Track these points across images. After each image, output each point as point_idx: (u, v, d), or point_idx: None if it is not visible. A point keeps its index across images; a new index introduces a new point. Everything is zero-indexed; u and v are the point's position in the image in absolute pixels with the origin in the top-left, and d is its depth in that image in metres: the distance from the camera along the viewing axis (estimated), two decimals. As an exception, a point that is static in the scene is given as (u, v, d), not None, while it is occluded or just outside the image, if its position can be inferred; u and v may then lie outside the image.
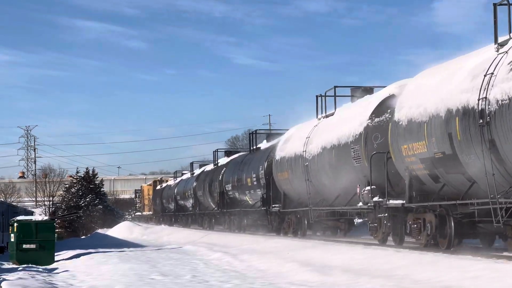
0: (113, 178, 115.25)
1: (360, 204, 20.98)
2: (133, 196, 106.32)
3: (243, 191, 35.90)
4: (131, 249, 29.71)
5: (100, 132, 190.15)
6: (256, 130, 39.25)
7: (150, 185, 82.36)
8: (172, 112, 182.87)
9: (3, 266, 22.74)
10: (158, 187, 73.75)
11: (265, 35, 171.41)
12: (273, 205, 30.65)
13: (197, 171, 53.28)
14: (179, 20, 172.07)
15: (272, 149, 31.70)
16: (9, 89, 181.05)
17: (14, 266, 22.98)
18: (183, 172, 66.21)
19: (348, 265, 16.14)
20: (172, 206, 61.01)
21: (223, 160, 44.92)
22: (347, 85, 26.83)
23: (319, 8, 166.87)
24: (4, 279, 15.69)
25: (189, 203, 52.74)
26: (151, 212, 77.05)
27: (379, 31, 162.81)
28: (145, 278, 15.90)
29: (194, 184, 50.07)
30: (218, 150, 50.14)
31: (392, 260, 15.42)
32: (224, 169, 41.00)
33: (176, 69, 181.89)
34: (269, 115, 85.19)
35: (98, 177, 74.33)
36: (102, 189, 73.70)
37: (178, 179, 62.25)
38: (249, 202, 35.10)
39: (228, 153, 47.60)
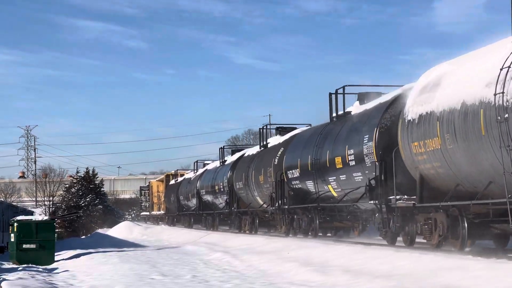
0: (113, 178, 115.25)
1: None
2: (133, 196, 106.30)
3: (324, 178, 24.17)
4: (131, 249, 29.71)
5: (100, 132, 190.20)
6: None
7: (160, 180, 72.14)
8: (172, 112, 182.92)
9: (3, 266, 22.75)
10: (172, 182, 62.61)
11: (265, 34, 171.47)
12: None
13: (232, 157, 41.65)
14: (179, 19, 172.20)
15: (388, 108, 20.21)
16: (9, 89, 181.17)
17: (14, 266, 22.99)
18: (206, 162, 54.70)
19: (348, 265, 16.14)
20: (193, 204, 49.70)
21: (274, 140, 33.33)
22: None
23: (319, 7, 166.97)
24: (4, 279, 15.69)
25: (221, 199, 41.12)
26: (162, 212, 67.84)
27: (379, 31, 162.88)
28: (145, 278, 15.90)
29: (229, 174, 38.46)
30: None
31: (392, 260, 15.42)
32: (282, 150, 29.41)
33: (176, 68, 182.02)
34: (269, 115, 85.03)
35: (98, 177, 74.41)
36: (102, 189, 73.77)
37: (201, 170, 50.07)
38: (334, 194, 23.91)
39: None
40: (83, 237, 56.77)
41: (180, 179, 58.77)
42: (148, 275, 16.67)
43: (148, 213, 77.61)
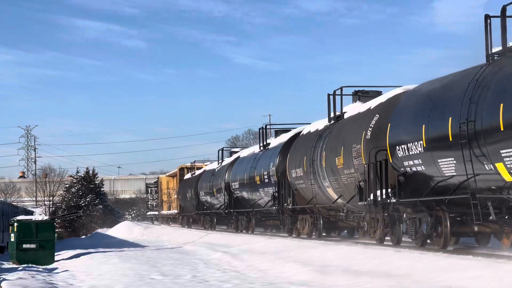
0: (113, 178, 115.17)
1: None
2: (133, 196, 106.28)
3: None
4: (131, 249, 29.71)
5: (100, 132, 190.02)
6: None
7: (171, 175, 65.05)
8: (172, 112, 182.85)
9: (3, 266, 22.75)
10: (187, 176, 54.28)
11: (265, 34, 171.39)
12: None
13: (277, 140, 31.95)
14: (178, 19, 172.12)
15: None
16: (9, 89, 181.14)
17: (14, 266, 22.99)
18: (234, 149, 47.08)
19: (348, 265, 16.14)
20: (218, 201, 41.28)
21: (353, 108, 23.71)
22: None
23: (319, 7, 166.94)
24: (4, 279, 15.69)
25: (263, 193, 31.64)
26: (174, 211, 60.08)
27: (379, 30, 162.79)
28: (145, 278, 15.90)
29: (278, 159, 29.43)
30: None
31: (392, 260, 15.42)
32: (377, 117, 20.43)
33: (176, 68, 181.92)
34: (269, 115, 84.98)
35: (98, 177, 74.37)
36: (102, 189, 73.74)
37: (230, 159, 41.14)
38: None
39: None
40: (83, 237, 56.78)
41: (199, 172, 49.72)
42: (148, 275, 16.67)
43: (156, 213, 71.47)
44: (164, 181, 66.60)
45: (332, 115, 24.55)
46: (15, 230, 24.61)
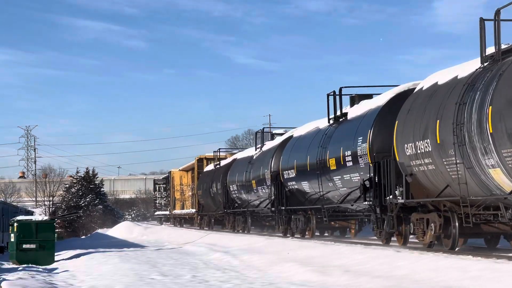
0: (113, 178, 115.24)
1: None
2: (133, 196, 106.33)
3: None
4: (131, 249, 29.71)
5: (100, 132, 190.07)
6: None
7: (185, 170, 57.24)
8: (172, 112, 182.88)
9: (3, 266, 22.75)
10: (209, 167, 45.93)
11: (265, 34, 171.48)
12: None
13: (360, 107, 22.71)
14: (178, 19, 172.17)
15: None
16: (9, 89, 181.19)
17: (14, 266, 22.99)
18: (276, 131, 35.38)
19: (348, 265, 16.14)
20: (258, 197, 32.40)
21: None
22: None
23: (319, 7, 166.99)
24: (4, 279, 15.69)
25: (343, 183, 22.63)
26: (192, 210, 50.82)
27: (379, 30, 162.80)
28: (145, 278, 15.90)
29: (370, 132, 20.41)
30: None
31: (392, 260, 15.42)
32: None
33: (176, 68, 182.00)
34: (269, 115, 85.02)
35: (98, 177, 74.42)
36: (102, 189, 73.77)
37: (274, 142, 31.46)
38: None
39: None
40: (83, 237, 56.78)
41: (226, 161, 41.38)
42: (148, 275, 16.67)
43: (166, 213, 63.95)
44: (177, 176, 58.27)
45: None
46: (15, 230, 24.61)
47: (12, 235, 24.99)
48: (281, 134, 32.13)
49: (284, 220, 28.79)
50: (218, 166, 42.70)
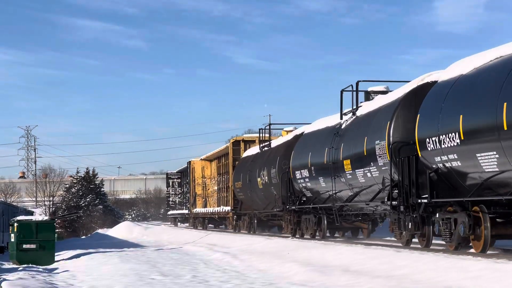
0: (113, 178, 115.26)
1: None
2: (133, 196, 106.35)
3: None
4: (131, 249, 29.72)
5: (100, 132, 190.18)
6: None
7: (209, 159, 47.66)
8: (172, 112, 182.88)
9: (3, 266, 22.75)
10: (251, 151, 35.71)
11: (265, 34, 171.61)
12: None
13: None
14: (178, 19, 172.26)
15: None
16: (9, 89, 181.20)
17: (14, 266, 22.99)
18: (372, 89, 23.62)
19: (348, 265, 16.15)
20: (350, 186, 22.23)
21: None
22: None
23: (319, 7, 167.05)
24: (4, 279, 15.69)
25: None
26: (225, 208, 40.31)
27: (379, 30, 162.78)
28: (145, 278, 15.91)
29: None
30: None
31: (392, 260, 15.43)
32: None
33: (176, 68, 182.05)
34: (269, 115, 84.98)
35: (98, 177, 74.41)
36: (102, 189, 73.77)
37: (381, 101, 20.86)
38: None
39: None
40: (83, 237, 56.78)
41: (281, 140, 31.33)
42: (148, 275, 16.68)
43: (184, 212, 54.12)
44: (198, 167, 48.63)
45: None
46: (15, 230, 24.62)
47: (12, 235, 24.99)
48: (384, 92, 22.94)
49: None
50: (266, 148, 32.50)
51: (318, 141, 24.86)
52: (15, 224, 24.71)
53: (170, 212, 60.68)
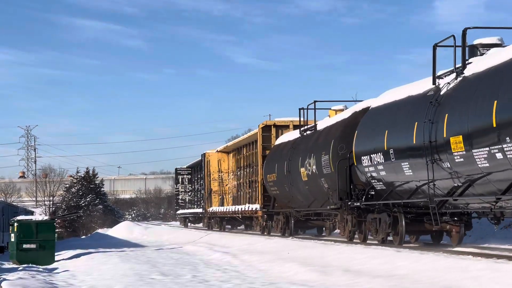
0: (113, 178, 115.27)
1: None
2: (133, 196, 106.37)
3: None
4: (131, 249, 29.72)
5: (100, 132, 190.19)
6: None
7: (226, 151, 42.52)
8: (172, 112, 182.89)
9: (3, 266, 22.76)
10: (286, 137, 29.95)
11: (265, 34, 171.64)
12: None
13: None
14: (178, 19, 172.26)
15: None
16: (9, 89, 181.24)
17: (14, 266, 23.00)
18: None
19: (348, 265, 16.15)
20: (471, 169, 15.33)
21: None
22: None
23: (319, 6, 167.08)
24: (4, 279, 15.69)
25: None
26: (253, 206, 33.70)
27: (379, 30, 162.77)
28: (145, 278, 15.91)
29: None
30: None
31: (392, 260, 15.43)
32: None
33: (176, 68, 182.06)
34: (269, 115, 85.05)
35: (98, 177, 74.42)
36: (102, 189, 73.77)
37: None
38: None
39: None
40: (83, 237, 56.77)
41: (331, 121, 24.99)
42: (148, 275, 16.68)
43: (198, 211, 48.54)
44: (214, 159, 43.46)
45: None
46: (15, 230, 24.63)
47: (12, 235, 25.00)
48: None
49: None
50: (310, 131, 26.59)
51: (399, 115, 18.90)
52: (15, 224, 24.72)
53: (180, 211, 55.15)
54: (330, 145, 22.98)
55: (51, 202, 78.75)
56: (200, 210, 47.44)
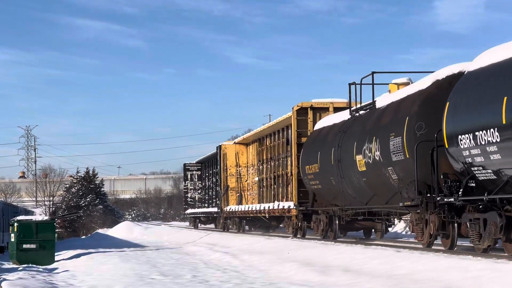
0: (113, 178, 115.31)
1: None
2: (133, 196, 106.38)
3: None
4: (131, 249, 29.71)
5: (100, 132, 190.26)
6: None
7: (244, 143, 38.36)
8: (172, 112, 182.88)
9: (3, 266, 22.75)
10: (329, 120, 25.37)
11: (265, 33, 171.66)
12: None
13: None
14: (178, 18, 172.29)
15: None
16: (9, 89, 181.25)
17: (14, 266, 23.00)
18: None
19: (348, 265, 16.14)
20: None
21: None
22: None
23: (319, 6, 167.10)
24: (4, 279, 15.69)
25: None
26: (286, 204, 28.56)
27: (379, 30, 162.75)
28: (145, 278, 15.91)
29: None
30: None
31: (392, 260, 15.42)
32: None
33: (176, 68, 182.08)
34: (270, 115, 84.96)
35: (98, 177, 74.44)
36: (102, 189, 73.78)
37: None
38: None
39: None
40: (83, 237, 56.77)
41: (391, 99, 20.43)
42: (148, 275, 16.68)
43: (212, 210, 43.59)
44: (231, 152, 38.93)
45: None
46: (15, 230, 24.62)
47: (12, 235, 24.99)
48: None
49: None
50: (365, 110, 22.09)
51: None
52: (15, 224, 24.71)
53: (189, 210, 50.47)
54: (404, 124, 17.91)
55: (51, 202, 78.77)
56: (215, 210, 43.01)
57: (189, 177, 50.63)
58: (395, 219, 24.80)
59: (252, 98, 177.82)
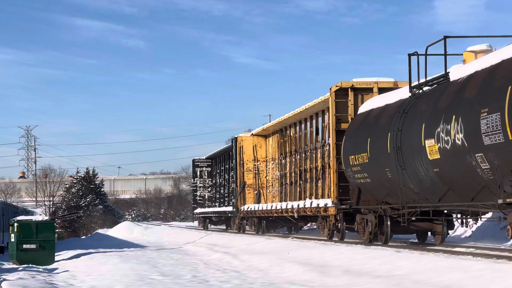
0: (113, 178, 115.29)
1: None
2: (133, 196, 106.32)
3: None
4: (131, 249, 29.71)
5: (100, 132, 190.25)
6: None
7: (263, 135, 35.13)
8: (172, 112, 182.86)
9: (3, 266, 22.76)
10: (382, 100, 20.72)
11: (265, 33, 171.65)
12: None
13: None
14: (178, 18, 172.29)
15: None
16: (9, 89, 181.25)
17: (14, 266, 23.00)
18: None
19: (348, 265, 16.14)
20: None
21: None
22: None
23: (319, 6, 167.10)
24: (4, 279, 15.69)
25: None
26: (323, 202, 24.23)
27: (379, 30, 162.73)
28: (145, 278, 15.91)
29: None
30: None
31: (392, 260, 15.42)
32: None
33: (176, 68, 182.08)
34: (270, 115, 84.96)
35: (98, 177, 74.41)
36: (102, 189, 73.77)
37: None
38: None
39: None
40: (83, 237, 56.76)
41: (474, 68, 15.60)
42: (148, 275, 16.68)
43: (227, 210, 39.37)
44: (248, 145, 35.43)
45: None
46: (15, 230, 24.62)
47: (12, 235, 25.00)
48: None
49: None
50: (431, 87, 17.85)
51: None
52: (15, 224, 24.72)
53: (199, 210, 46.80)
54: (505, 96, 13.55)
55: (51, 202, 78.79)
56: (229, 209, 38.75)
57: (198, 173, 47.02)
58: (470, 219, 19.68)
59: (252, 98, 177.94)
